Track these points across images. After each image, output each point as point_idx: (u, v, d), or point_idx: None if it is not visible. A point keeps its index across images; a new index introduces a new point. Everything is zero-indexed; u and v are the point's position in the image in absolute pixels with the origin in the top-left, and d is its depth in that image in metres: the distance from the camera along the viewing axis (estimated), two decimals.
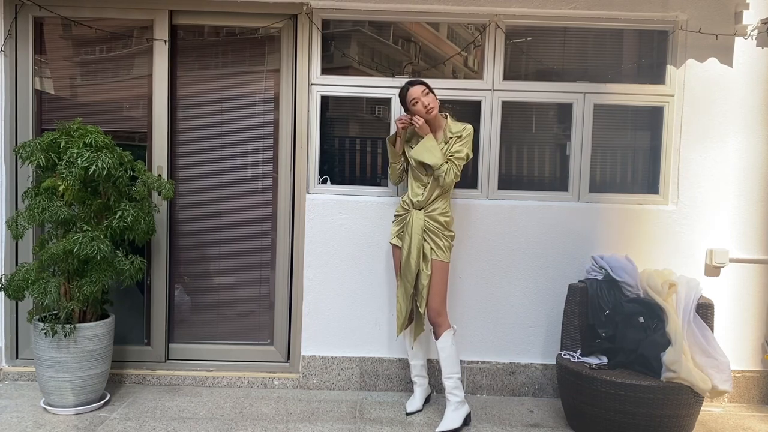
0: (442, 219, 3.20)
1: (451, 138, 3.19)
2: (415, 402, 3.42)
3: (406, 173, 3.38)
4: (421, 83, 3.18)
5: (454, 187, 3.43)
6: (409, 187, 3.31)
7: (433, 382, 3.59)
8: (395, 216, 3.37)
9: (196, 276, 3.86)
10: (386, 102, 3.69)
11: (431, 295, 3.18)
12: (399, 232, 3.32)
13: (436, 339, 3.20)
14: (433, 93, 3.17)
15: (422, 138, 3.18)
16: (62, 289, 3.18)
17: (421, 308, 3.22)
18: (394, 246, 3.35)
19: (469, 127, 3.21)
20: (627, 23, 3.66)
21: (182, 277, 3.85)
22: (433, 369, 3.56)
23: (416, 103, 3.14)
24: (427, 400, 3.50)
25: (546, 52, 3.74)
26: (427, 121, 3.18)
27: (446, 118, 3.26)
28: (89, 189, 3.24)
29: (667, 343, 3.02)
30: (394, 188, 3.68)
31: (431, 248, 3.18)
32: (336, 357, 3.69)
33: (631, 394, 2.91)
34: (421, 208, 3.21)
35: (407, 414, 3.36)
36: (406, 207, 3.28)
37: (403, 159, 3.34)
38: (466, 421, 3.23)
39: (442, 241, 3.20)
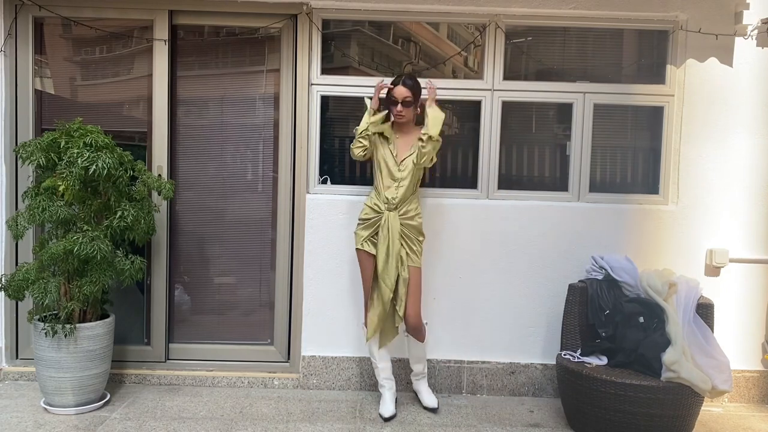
0: (415, 222, 3.27)
1: (421, 136, 3.23)
2: (389, 406, 3.31)
3: (373, 166, 3.35)
4: (412, 88, 3.22)
5: (454, 187, 3.44)
6: (379, 187, 3.29)
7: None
8: (363, 220, 3.30)
9: (196, 276, 3.86)
10: None
11: (413, 301, 3.24)
12: (370, 236, 3.27)
13: (421, 341, 3.33)
14: (414, 106, 3.25)
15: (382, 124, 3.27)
16: (62, 289, 3.18)
17: (400, 311, 3.22)
18: (364, 252, 3.29)
19: (432, 113, 3.24)
20: (627, 23, 3.66)
21: (182, 277, 3.85)
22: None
23: (395, 102, 3.23)
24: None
25: (546, 52, 3.74)
26: (397, 123, 3.30)
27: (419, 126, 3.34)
28: (89, 189, 3.24)
29: (667, 343, 3.02)
30: None
31: (407, 253, 3.23)
32: (336, 357, 3.69)
33: (631, 394, 2.91)
34: (395, 209, 3.22)
35: (386, 420, 3.24)
36: (378, 209, 3.26)
37: (369, 145, 3.29)
38: None
39: (416, 246, 3.27)
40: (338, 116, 3.80)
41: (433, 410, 3.36)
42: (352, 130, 3.84)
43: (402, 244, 3.21)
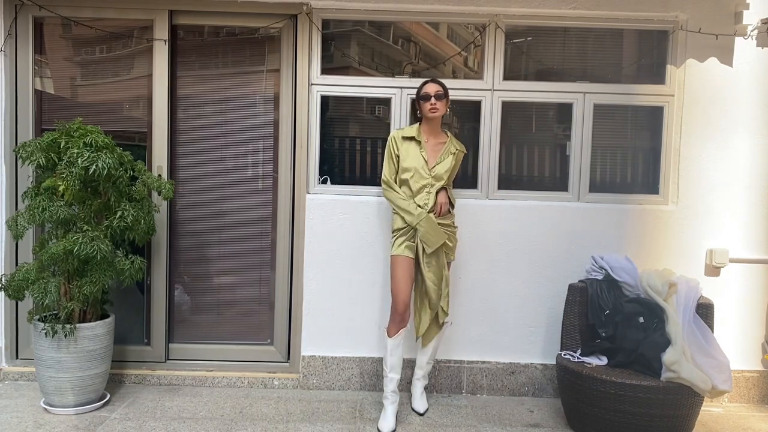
0: (449, 221, 3.28)
1: (457, 151, 3.29)
2: (391, 421, 3.17)
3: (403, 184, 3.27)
4: (442, 86, 3.24)
5: (454, 187, 3.44)
6: (408, 194, 3.22)
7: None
8: (398, 230, 3.22)
9: (196, 276, 3.86)
10: (386, 102, 3.69)
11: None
12: (408, 241, 3.19)
13: (440, 329, 3.34)
14: (446, 100, 3.24)
15: (420, 139, 3.25)
16: (62, 289, 3.18)
17: (446, 308, 3.25)
18: (401, 257, 3.18)
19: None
20: (627, 23, 3.66)
21: (182, 277, 3.85)
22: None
23: (428, 97, 3.19)
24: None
25: (546, 52, 3.74)
26: (426, 122, 3.25)
27: (447, 134, 3.33)
28: (89, 189, 3.24)
29: (667, 343, 3.02)
30: None
31: (445, 252, 3.22)
32: (336, 357, 3.69)
33: (631, 394, 2.91)
34: (429, 212, 3.18)
35: None
36: None
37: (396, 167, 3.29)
38: None
39: (452, 242, 3.28)
40: (338, 116, 3.80)
41: (420, 414, 3.37)
42: (351, 130, 3.85)
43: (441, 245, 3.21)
